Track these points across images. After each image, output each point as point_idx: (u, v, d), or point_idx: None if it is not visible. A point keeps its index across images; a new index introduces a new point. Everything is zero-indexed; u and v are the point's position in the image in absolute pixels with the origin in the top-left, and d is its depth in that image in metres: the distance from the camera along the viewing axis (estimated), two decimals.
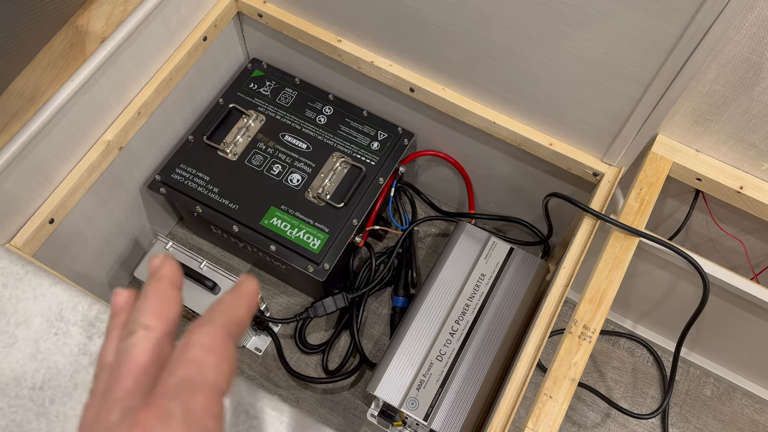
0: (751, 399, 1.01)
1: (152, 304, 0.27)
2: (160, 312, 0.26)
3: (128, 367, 0.25)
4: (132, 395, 0.24)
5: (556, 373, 0.67)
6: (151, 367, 0.25)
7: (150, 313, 0.26)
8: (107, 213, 0.88)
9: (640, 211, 0.76)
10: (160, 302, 0.27)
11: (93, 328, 0.36)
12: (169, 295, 0.27)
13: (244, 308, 0.27)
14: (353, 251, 1.01)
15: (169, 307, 0.27)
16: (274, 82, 0.99)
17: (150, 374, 0.25)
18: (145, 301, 0.27)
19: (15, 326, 0.36)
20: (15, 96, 0.71)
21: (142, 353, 0.25)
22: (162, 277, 0.27)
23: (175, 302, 0.27)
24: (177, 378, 0.24)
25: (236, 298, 0.27)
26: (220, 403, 0.24)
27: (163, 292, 0.27)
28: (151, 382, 0.25)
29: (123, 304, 0.29)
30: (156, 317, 0.26)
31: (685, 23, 0.59)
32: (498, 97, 0.81)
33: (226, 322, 0.26)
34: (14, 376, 0.35)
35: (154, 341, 0.26)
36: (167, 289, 0.27)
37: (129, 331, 0.26)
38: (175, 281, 0.27)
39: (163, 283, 0.27)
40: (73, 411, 0.34)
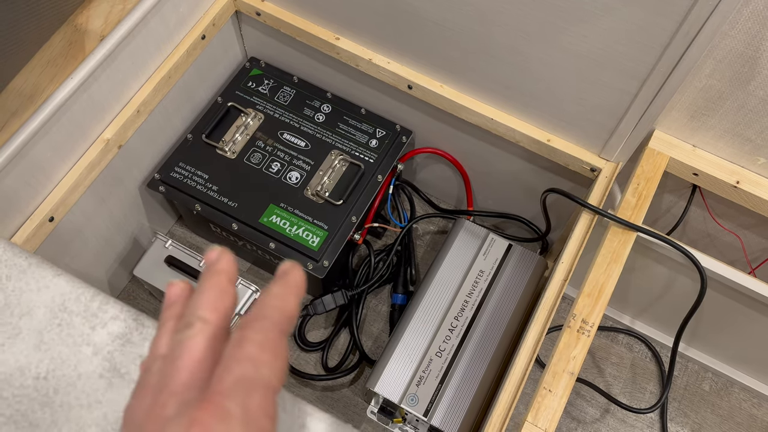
0: (749, 393, 1.02)
1: (209, 297, 0.26)
2: (216, 305, 0.26)
3: (185, 360, 0.25)
4: (188, 389, 0.24)
5: (555, 367, 0.67)
6: (207, 360, 0.25)
7: (207, 306, 0.26)
8: (106, 211, 0.88)
9: (638, 206, 0.76)
10: (217, 296, 0.26)
11: (96, 319, 0.37)
12: (226, 289, 0.27)
13: (294, 301, 0.27)
14: (352, 249, 1.01)
15: (226, 300, 0.26)
16: (272, 81, 0.99)
17: (206, 368, 0.25)
18: (201, 294, 0.26)
19: (18, 318, 0.37)
20: (14, 94, 0.71)
21: (198, 346, 0.25)
22: (219, 271, 0.27)
23: (231, 296, 0.27)
24: (234, 376, 0.24)
25: (286, 290, 0.27)
26: (274, 402, 0.24)
27: (220, 285, 0.27)
28: (206, 376, 0.24)
29: (177, 296, 0.28)
30: (213, 310, 0.26)
31: (680, 18, 0.60)
32: (496, 94, 0.82)
33: (278, 317, 0.26)
34: (18, 366, 0.35)
35: (211, 335, 0.25)
36: (224, 283, 0.27)
37: (185, 323, 0.26)
38: (231, 276, 0.27)
39: (220, 277, 0.27)
40: (77, 400, 0.34)
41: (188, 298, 0.28)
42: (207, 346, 0.25)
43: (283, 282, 0.27)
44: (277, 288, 0.27)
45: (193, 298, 0.27)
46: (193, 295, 0.27)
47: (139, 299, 1.03)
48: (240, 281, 0.89)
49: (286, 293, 0.27)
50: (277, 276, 0.28)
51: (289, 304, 0.26)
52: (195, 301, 0.26)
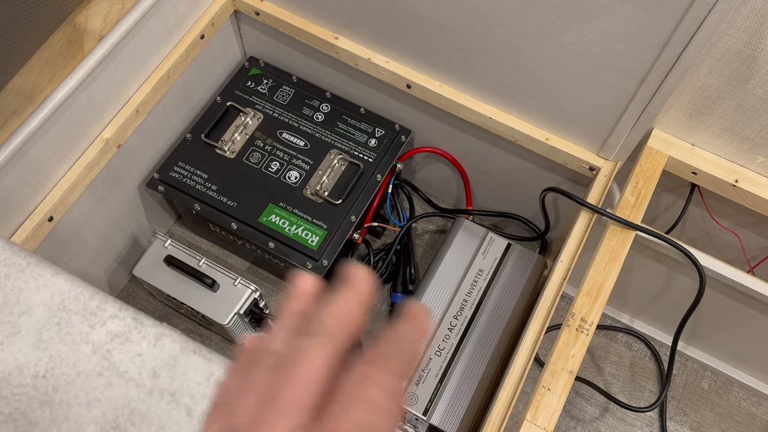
0: (748, 392, 1.02)
1: (341, 312, 0.24)
2: (346, 324, 0.24)
3: (302, 374, 0.23)
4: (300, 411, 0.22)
5: (554, 366, 0.67)
6: (323, 380, 0.23)
7: (337, 320, 0.24)
8: (106, 211, 0.88)
9: (637, 204, 0.76)
10: (350, 313, 0.24)
11: (95, 318, 0.37)
12: (360, 310, 0.25)
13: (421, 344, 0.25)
14: (351, 248, 1.01)
15: (357, 322, 0.24)
16: (271, 80, 0.99)
17: (320, 389, 0.23)
18: (335, 306, 0.24)
19: (18, 316, 0.37)
20: (14, 94, 0.71)
21: (319, 362, 0.23)
22: (360, 291, 0.25)
23: (362, 320, 0.25)
24: (354, 420, 0.22)
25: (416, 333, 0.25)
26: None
27: (355, 304, 0.25)
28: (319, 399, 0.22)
29: (305, 292, 0.26)
30: (342, 328, 0.24)
31: (678, 16, 0.60)
32: (495, 93, 0.82)
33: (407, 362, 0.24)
34: (17, 365, 0.35)
35: (333, 353, 0.23)
36: (359, 304, 0.25)
37: (310, 330, 0.24)
38: (369, 299, 0.25)
39: (358, 296, 0.25)
40: (76, 399, 0.34)
41: (316, 297, 0.26)
42: (327, 364, 0.23)
43: (414, 324, 0.25)
44: (407, 329, 0.25)
45: (325, 305, 0.25)
46: (327, 303, 0.25)
47: (138, 299, 1.03)
48: (239, 280, 0.89)
49: (416, 336, 0.25)
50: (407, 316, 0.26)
51: (417, 348, 0.25)
52: (326, 310, 0.24)
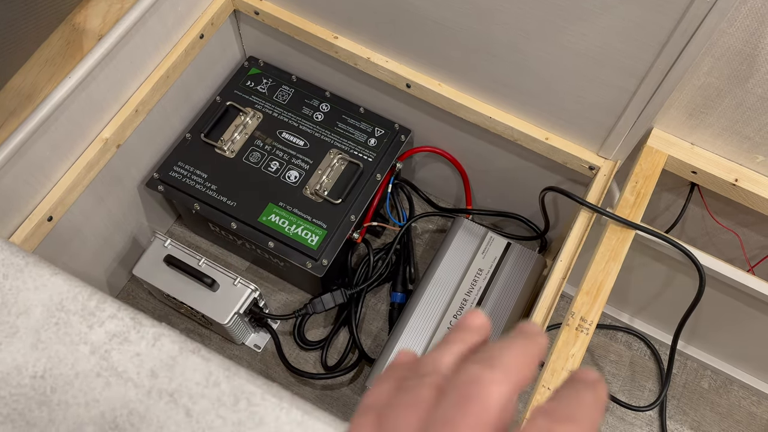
0: (748, 391, 1.02)
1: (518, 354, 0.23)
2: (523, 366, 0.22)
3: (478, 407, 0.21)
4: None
5: (554, 365, 0.67)
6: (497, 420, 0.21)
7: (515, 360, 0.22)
8: (105, 211, 0.88)
9: (636, 204, 0.76)
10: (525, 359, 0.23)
11: (93, 318, 0.37)
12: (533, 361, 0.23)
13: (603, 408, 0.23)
14: (351, 247, 1.01)
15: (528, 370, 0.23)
16: (271, 80, 0.99)
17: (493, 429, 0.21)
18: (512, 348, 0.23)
19: (16, 316, 0.37)
20: (13, 94, 0.71)
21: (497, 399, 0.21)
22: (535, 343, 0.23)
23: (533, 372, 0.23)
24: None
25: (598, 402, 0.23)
26: None
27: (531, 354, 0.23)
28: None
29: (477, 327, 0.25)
30: (519, 368, 0.22)
31: (678, 15, 0.60)
32: (494, 93, 0.82)
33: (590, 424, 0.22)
34: (16, 365, 0.35)
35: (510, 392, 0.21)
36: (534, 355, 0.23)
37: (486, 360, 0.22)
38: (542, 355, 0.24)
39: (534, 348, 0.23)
40: (74, 399, 0.34)
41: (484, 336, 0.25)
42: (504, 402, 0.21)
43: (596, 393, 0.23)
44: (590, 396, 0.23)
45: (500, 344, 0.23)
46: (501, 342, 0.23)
47: (138, 298, 1.03)
48: (239, 280, 0.89)
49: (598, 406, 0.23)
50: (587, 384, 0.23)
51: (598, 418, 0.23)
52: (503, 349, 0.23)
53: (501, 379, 0.21)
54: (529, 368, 0.22)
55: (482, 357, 0.22)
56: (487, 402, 0.21)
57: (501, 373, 0.21)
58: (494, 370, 0.21)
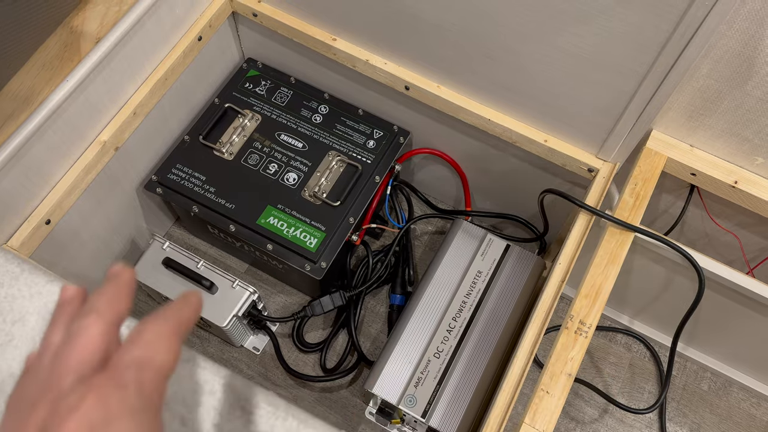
0: (748, 393, 1.01)
1: (107, 297, 0.28)
2: (114, 304, 0.28)
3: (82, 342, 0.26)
4: (85, 366, 0.26)
5: (553, 369, 0.67)
6: (102, 346, 0.27)
7: (105, 303, 0.28)
8: (104, 213, 0.88)
9: (635, 206, 0.76)
10: (115, 296, 0.28)
11: None
12: (124, 293, 0.29)
13: (191, 312, 0.30)
14: (350, 249, 1.01)
15: (122, 302, 0.28)
16: (269, 82, 0.99)
17: (100, 356, 0.26)
18: (99, 294, 0.28)
19: (11, 324, 0.37)
20: (10, 97, 0.71)
21: (95, 331, 0.27)
22: (120, 281, 0.29)
23: (127, 301, 0.29)
24: (131, 355, 0.26)
25: (184, 303, 0.30)
26: (165, 384, 0.27)
27: (118, 289, 0.29)
28: (100, 363, 0.26)
29: (71, 297, 0.30)
30: (110, 307, 0.28)
31: (677, 18, 0.59)
32: (493, 95, 0.82)
33: (175, 319, 0.28)
34: (11, 373, 0.35)
35: (106, 325, 0.27)
36: (122, 289, 0.29)
37: (81, 314, 0.27)
38: (130, 286, 0.29)
39: (119, 284, 0.29)
40: None
41: (82, 301, 0.30)
42: (103, 332, 0.27)
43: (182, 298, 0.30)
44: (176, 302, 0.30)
45: (90, 297, 0.29)
46: (91, 295, 0.29)
47: (137, 301, 1.03)
48: (238, 282, 0.89)
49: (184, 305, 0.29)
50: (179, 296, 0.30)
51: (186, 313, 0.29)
52: (92, 299, 0.28)
53: (94, 320, 0.27)
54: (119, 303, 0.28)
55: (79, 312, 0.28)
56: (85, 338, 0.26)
57: (93, 316, 0.27)
58: (87, 317, 0.27)
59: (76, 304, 0.30)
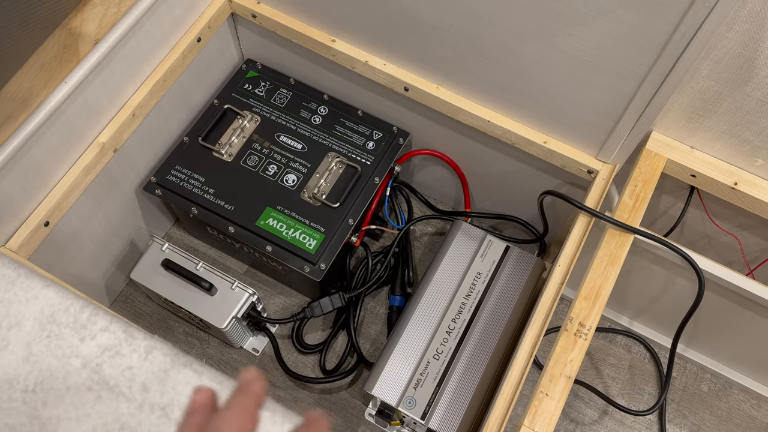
0: (748, 395, 1.01)
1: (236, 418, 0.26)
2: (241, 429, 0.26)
3: None
4: None
5: (552, 371, 0.67)
6: None
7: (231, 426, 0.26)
8: (103, 215, 0.88)
9: (635, 208, 0.76)
10: (244, 418, 0.26)
11: (85, 331, 0.36)
12: (253, 414, 0.27)
13: None
14: (350, 251, 1.01)
15: (250, 426, 0.26)
16: (268, 83, 0.99)
17: None
18: (229, 413, 0.26)
19: (7, 329, 0.37)
20: (8, 99, 0.71)
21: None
22: (251, 393, 0.27)
23: (255, 423, 0.27)
24: None
25: None
26: None
27: (248, 408, 0.27)
28: None
29: (202, 404, 0.28)
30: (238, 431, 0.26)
31: (677, 20, 0.59)
32: (492, 96, 0.81)
33: None
34: (7, 378, 0.35)
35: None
36: (252, 407, 0.27)
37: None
38: (260, 401, 0.27)
39: (250, 399, 0.27)
40: (66, 413, 0.34)
41: (212, 409, 0.28)
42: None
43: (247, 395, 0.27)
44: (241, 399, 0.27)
45: (220, 413, 0.27)
46: (221, 410, 0.27)
47: (136, 302, 1.03)
48: (237, 284, 0.89)
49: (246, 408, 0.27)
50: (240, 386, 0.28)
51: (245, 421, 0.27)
52: (221, 417, 0.26)
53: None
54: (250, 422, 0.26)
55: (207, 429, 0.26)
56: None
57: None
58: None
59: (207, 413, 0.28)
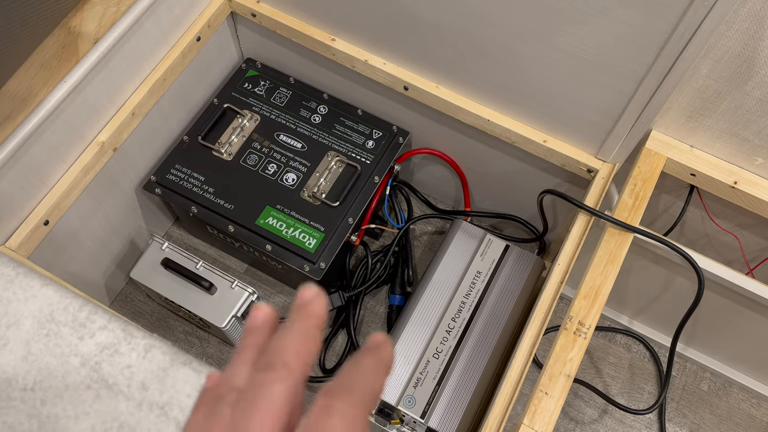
0: (748, 394, 1.01)
1: (297, 341, 0.25)
2: (302, 352, 0.25)
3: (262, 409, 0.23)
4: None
5: (552, 370, 0.67)
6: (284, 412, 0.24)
7: (293, 351, 0.25)
8: (102, 214, 0.88)
9: (635, 206, 0.76)
10: (305, 342, 0.25)
11: (84, 329, 0.36)
12: (315, 336, 0.25)
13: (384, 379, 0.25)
14: (349, 250, 1.01)
15: (312, 349, 0.25)
16: (268, 82, 0.99)
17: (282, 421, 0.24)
18: (289, 336, 0.25)
19: (6, 328, 0.37)
20: (8, 98, 0.71)
21: (280, 395, 0.24)
22: (311, 315, 0.26)
23: (317, 345, 0.25)
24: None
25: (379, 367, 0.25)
26: None
27: (309, 331, 0.25)
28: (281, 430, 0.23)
29: (262, 322, 0.27)
30: (298, 357, 0.25)
31: (676, 19, 0.59)
32: (492, 95, 0.81)
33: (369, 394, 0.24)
34: (5, 378, 0.35)
35: (293, 384, 0.24)
36: (313, 330, 0.25)
37: (268, 363, 0.25)
38: (322, 322, 0.26)
39: (310, 322, 0.25)
40: (65, 412, 0.34)
41: (272, 328, 0.27)
42: (287, 396, 0.24)
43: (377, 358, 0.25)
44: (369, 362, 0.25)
45: (279, 336, 0.25)
46: (281, 332, 0.25)
47: (136, 301, 1.03)
48: (237, 283, 0.89)
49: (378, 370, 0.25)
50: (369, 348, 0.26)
51: (380, 382, 0.25)
52: (281, 341, 0.25)
53: (281, 376, 0.24)
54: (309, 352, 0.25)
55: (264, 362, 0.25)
56: (270, 401, 0.24)
57: (280, 371, 0.24)
58: (274, 371, 0.24)
59: (265, 333, 0.27)
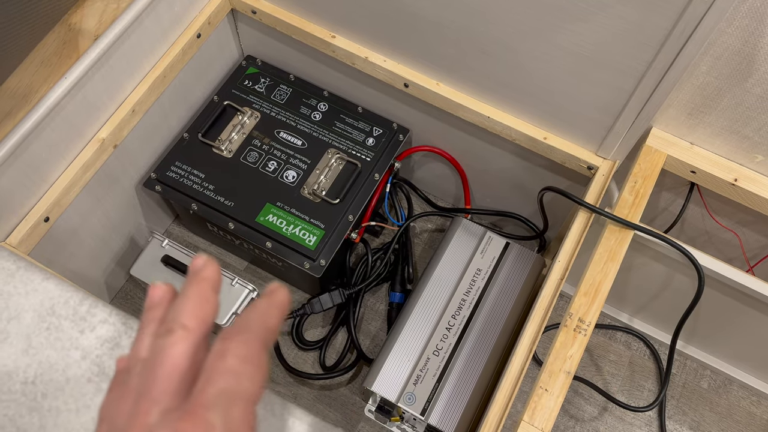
0: (748, 391, 1.01)
1: (192, 304, 0.26)
2: (199, 313, 0.26)
3: (166, 367, 0.25)
4: (169, 397, 0.24)
5: (552, 367, 0.67)
6: (187, 368, 0.25)
7: (189, 313, 0.26)
8: (102, 211, 0.88)
9: (635, 204, 0.76)
10: (200, 304, 0.27)
11: (84, 323, 0.37)
12: (209, 297, 0.27)
13: (277, 316, 0.27)
14: (349, 247, 1.01)
15: (208, 309, 0.27)
16: (268, 79, 0.99)
17: (186, 377, 0.25)
18: (184, 301, 0.27)
19: (7, 322, 0.37)
20: (8, 95, 0.71)
21: (180, 354, 0.25)
22: (204, 279, 0.27)
23: (214, 306, 0.27)
24: (216, 388, 0.24)
25: (270, 306, 0.27)
26: (254, 413, 0.25)
27: (203, 293, 0.27)
28: (187, 385, 0.25)
29: (160, 298, 0.28)
30: (195, 318, 0.26)
31: (676, 15, 0.59)
32: (492, 92, 0.81)
33: (261, 330, 0.26)
34: (6, 371, 0.35)
35: (192, 343, 0.25)
36: (207, 292, 0.27)
37: (167, 329, 0.26)
38: (215, 284, 0.27)
39: (204, 285, 0.27)
40: (65, 405, 0.34)
41: (170, 302, 0.28)
42: (188, 353, 0.25)
43: (268, 299, 0.27)
44: (261, 303, 0.27)
45: (175, 303, 0.27)
46: (176, 300, 0.27)
47: (136, 299, 1.03)
48: (237, 280, 0.89)
49: (269, 308, 0.27)
50: (264, 294, 0.28)
51: (272, 319, 0.27)
52: (177, 307, 0.26)
53: (180, 337, 0.25)
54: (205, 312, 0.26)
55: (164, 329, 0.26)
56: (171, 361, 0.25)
57: (179, 332, 0.25)
58: (173, 334, 0.25)
59: (164, 307, 0.28)
